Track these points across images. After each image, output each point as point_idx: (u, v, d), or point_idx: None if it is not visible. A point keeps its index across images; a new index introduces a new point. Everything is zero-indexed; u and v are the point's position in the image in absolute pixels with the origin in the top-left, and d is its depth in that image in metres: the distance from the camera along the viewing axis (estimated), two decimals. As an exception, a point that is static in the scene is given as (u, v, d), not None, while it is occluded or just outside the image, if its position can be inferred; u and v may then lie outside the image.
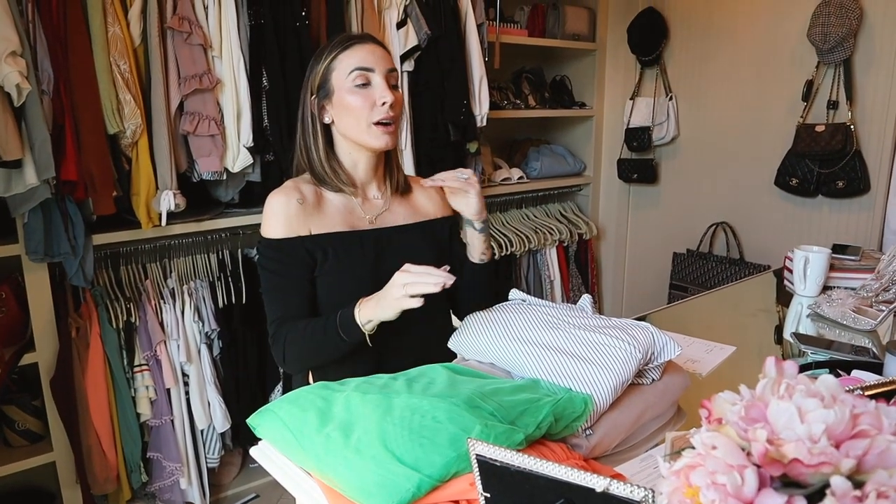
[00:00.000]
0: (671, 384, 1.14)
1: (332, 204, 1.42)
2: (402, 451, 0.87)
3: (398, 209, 1.49)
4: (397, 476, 0.85)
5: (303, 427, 0.98)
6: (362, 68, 1.33)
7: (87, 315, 2.16)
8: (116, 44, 1.99)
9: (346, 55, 1.35)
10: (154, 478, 2.35)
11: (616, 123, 3.65)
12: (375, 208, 1.46)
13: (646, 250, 3.73)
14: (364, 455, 0.89)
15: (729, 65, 3.12)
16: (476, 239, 1.43)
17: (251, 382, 2.54)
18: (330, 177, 1.40)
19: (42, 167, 1.85)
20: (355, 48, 1.35)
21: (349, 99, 1.34)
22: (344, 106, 1.35)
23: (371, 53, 1.35)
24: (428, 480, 0.84)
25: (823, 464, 0.50)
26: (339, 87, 1.35)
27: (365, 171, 1.44)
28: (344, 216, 1.41)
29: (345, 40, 1.36)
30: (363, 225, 1.43)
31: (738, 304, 2.01)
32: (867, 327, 1.61)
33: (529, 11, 3.50)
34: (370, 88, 1.34)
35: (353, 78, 1.33)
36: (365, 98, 1.33)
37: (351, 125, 1.36)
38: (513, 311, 1.25)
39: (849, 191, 2.70)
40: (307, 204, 1.38)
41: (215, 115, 2.19)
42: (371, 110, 1.34)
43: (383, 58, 1.37)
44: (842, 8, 2.58)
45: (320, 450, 0.93)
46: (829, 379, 0.58)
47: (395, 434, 0.90)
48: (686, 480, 0.56)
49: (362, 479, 0.86)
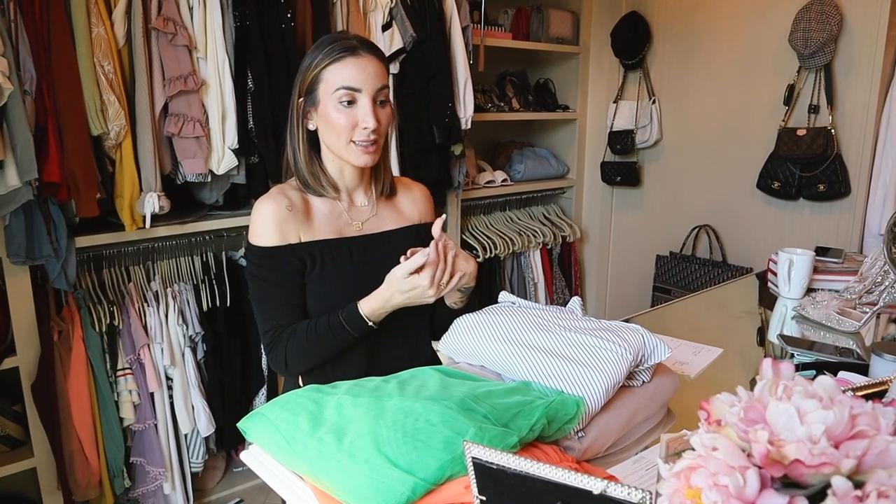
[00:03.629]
0: (661, 386, 1.15)
1: (319, 211, 1.40)
2: (395, 455, 0.87)
3: (385, 213, 1.47)
4: (391, 480, 0.84)
5: (294, 431, 0.97)
6: (349, 88, 1.29)
7: (69, 318, 2.13)
8: (100, 44, 1.97)
9: (335, 69, 1.29)
10: (137, 483, 2.32)
11: (599, 126, 3.67)
12: (362, 214, 1.44)
13: (629, 253, 3.76)
14: (357, 459, 0.88)
15: (711, 69, 3.15)
16: (456, 294, 1.39)
17: (235, 386, 2.52)
18: (313, 182, 1.38)
19: (24, 169, 1.82)
20: (346, 62, 1.29)
21: (333, 115, 1.30)
22: (327, 120, 1.32)
23: (361, 70, 1.29)
24: (423, 484, 0.84)
25: (824, 464, 0.51)
26: (325, 100, 1.31)
27: (351, 177, 1.42)
28: (331, 223, 1.40)
29: (337, 50, 1.30)
30: (351, 231, 1.41)
31: (722, 307, 2.03)
32: (851, 329, 1.63)
33: (513, 14, 3.52)
34: (355, 108, 1.30)
35: (339, 95, 1.29)
36: (349, 117, 1.30)
37: (332, 140, 1.33)
38: (503, 314, 1.25)
39: (830, 194, 2.74)
40: (295, 210, 1.36)
41: (200, 117, 2.17)
42: (353, 130, 1.30)
43: (374, 74, 1.30)
44: (822, 13, 2.62)
45: (313, 454, 0.92)
46: (827, 380, 0.58)
47: (389, 437, 0.90)
48: (686, 482, 0.56)
49: (356, 484, 0.86)
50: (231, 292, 2.48)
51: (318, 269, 1.36)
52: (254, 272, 1.36)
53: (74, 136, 1.95)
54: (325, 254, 1.36)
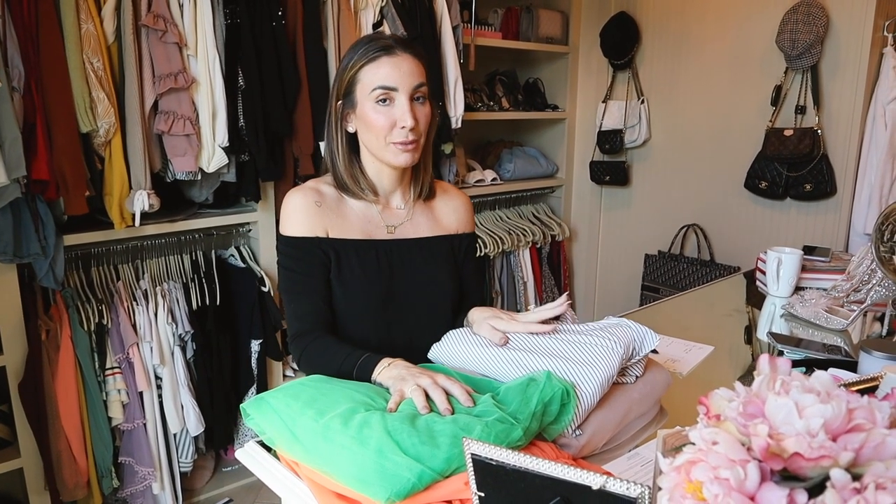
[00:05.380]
0: (654, 383, 1.16)
1: (352, 210, 1.38)
2: (405, 443, 0.87)
3: (420, 219, 1.44)
4: (398, 466, 0.84)
5: (298, 416, 0.97)
6: (385, 87, 1.28)
7: (57, 317, 2.12)
8: (90, 41, 1.96)
9: (371, 68, 1.28)
10: (126, 483, 2.31)
11: (588, 126, 3.69)
12: (396, 218, 1.42)
13: (618, 252, 3.78)
14: (366, 444, 0.88)
15: (700, 69, 3.18)
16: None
17: (225, 385, 2.51)
18: (351, 184, 1.37)
19: (12, 166, 1.80)
20: (382, 61, 1.28)
21: (371, 115, 1.29)
22: (366, 121, 1.31)
23: (397, 69, 1.28)
24: (429, 473, 0.84)
25: (823, 457, 0.51)
26: (363, 101, 1.30)
27: (390, 180, 1.40)
28: (362, 224, 1.38)
29: (372, 50, 1.29)
30: (380, 234, 1.39)
31: (710, 306, 2.05)
32: (839, 327, 1.65)
33: (503, 14, 3.53)
34: (392, 107, 1.29)
35: (375, 95, 1.28)
36: (387, 116, 1.28)
37: (371, 140, 1.32)
38: None
39: (816, 194, 2.77)
40: (325, 206, 1.35)
41: (190, 115, 2.16)
42: (391, 130, 1.29)
43: (410, 72, 1.29)
44: (809, 15, 2.64)
45: (318, 438, 0.92)
46: (824, 375, 0.59)
47: (397, 427, 0.90)
48: (687, 476, 0.57)
49: (361, 468, 0.86)
50: (220, 291, 2.47)
51: (344, 268, 1.34)
52: (282, 262, 1.36)
53: (63, 133, 1.94)
54: (350, 254, 1.34)
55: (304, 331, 1.31)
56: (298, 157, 2.50)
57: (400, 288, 1.32)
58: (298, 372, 2.77)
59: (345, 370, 1.18)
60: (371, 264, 1.35)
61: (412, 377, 1.05)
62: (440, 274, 1.41)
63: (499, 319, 1.21)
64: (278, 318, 2.56)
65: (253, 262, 2.58)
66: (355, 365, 1.18)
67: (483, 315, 1.25)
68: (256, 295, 2.50)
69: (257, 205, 2.52)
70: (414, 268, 1.37)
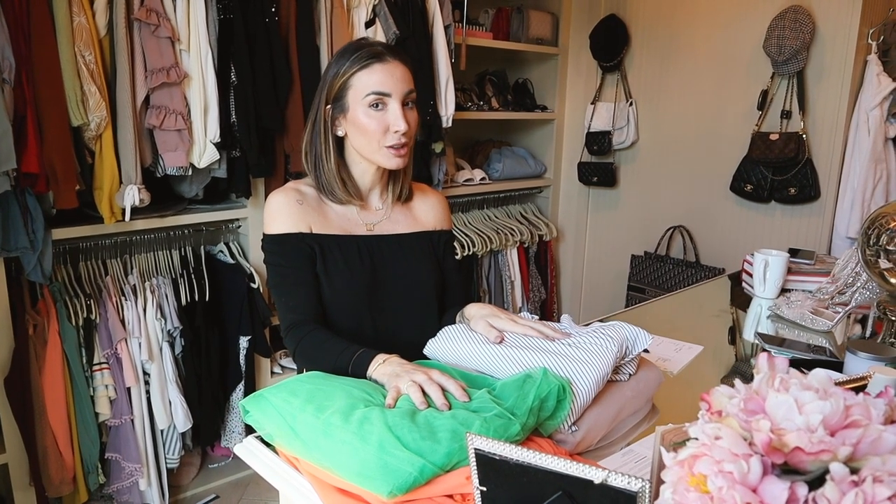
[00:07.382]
0: (647, 380, 1.18)
1: (331, 209, 1.42)
2: (406, 438, 0.88)
3: (398, 217, 1.48)
4: (400, 461, 0.85)
5: (298, 412, 0.98)
6: (379, 93, 1.31)
7: (44, 312, 2.10)
8: (82, 34, 1.94)
9: (364, 74, 1.32)
10: (112, 479, 2.30)
11: (577, 127, 3.72)
12: (374, 216, 1.46)
13: (604, 252, 3.81)
14: (367, 439, 0.89)
15: (688, 73, 3.21)
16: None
17: (213, 381, 2.51)
18: (339, 188, 1.40)
19: (2, 159, 1.79)
20: (374, 68, 1.32)
21: (363, 120, 1.32)
22: (357, 125, 1.34)
23: (390, 76, 1.32)
24: (431, 467, 0.85)
25: (823, 451, 0.53)
26: (354, 106, 1.33)
27: (371, 180, 1.44)
28: (342, 222, 1.41)
29: (365, 57, 1.32)
30: (359, 231, 1.42)
31: (697, 307, 2.08)
32: (824, 328, 1.68)
33: (494, 14, 3.54)
34: (385, 112, 1.32)
35: (369, 100, 1.31)
36: (379, 121, 1.32)
37: (363, 144, 1.36)
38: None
39: (800, 197, 2.82)
40: (307, 204, 1.39)
41: (182, 110, 2.15)
42: (384, 134, 1.33)
43: (402, 79, 1.34)
44: (796, 22, 2.68)
45: (318, 434, 0.93)
46: (821, 373, 0.61)
47: (397, 423, 0.91)
48: (690, 470, 0.59)
49: (362, 463, 0.87)
50: (209, 287, 2.46)
51: (328, 262, 1.37)
52: (269, 260, 1.38)
53: (54, 126, 1.92)
54: (333, 248, 1.38)
55: (297, 322, 1.32)
56: (289, 153, 2.50)
57: (383, 281, 1.35)
58: (287, 369, 2.77)
59: (340, 366, 1.19)
60: (353, 259, 1.39)
61: (407, 374, 1.06)
62: (422, 268, 1.45)
63: (497, 318, 1.23)
64: (267, 315, 2.55)
65: (242, 258, 2.58)
66: (350, 361, 1.19)
67: (482, 312, 1.27)
68: (245, 291, 2.50)
69: (247, 201, 2.52)
70: (395, 262, 1.40)
